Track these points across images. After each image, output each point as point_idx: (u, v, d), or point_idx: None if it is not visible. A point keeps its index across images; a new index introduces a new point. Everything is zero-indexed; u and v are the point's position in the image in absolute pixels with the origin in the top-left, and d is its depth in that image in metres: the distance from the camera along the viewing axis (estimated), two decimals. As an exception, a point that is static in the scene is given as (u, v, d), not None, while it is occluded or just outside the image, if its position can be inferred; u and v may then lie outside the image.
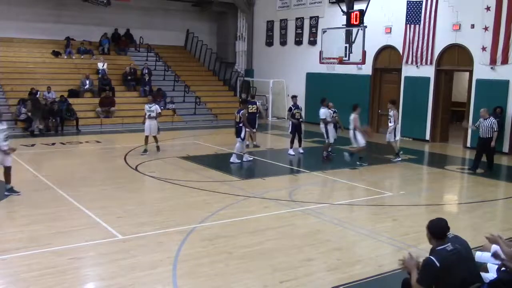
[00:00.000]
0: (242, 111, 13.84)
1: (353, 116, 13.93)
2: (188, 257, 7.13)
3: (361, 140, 13.92)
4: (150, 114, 14.87)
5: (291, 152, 15.33)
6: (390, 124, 14.83)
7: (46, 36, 24.48)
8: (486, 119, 13.24)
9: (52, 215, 8.91)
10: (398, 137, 15.13)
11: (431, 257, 4.66)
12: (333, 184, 12.29)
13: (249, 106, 15.55)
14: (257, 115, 16.59)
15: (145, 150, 14.74)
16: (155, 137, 15.00)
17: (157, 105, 15.40)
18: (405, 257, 4.95)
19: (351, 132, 14.04)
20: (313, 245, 7.75)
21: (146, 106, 15.09)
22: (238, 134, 13.83)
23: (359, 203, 10.49)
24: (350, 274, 6.68)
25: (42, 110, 19.13)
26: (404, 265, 4.92)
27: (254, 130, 16.22)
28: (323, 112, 14.88)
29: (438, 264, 4.54)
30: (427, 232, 4.88)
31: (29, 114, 19.18)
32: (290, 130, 15.47)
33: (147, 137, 14.84)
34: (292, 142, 15.31)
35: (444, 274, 4.53)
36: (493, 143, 13.33)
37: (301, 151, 15.61)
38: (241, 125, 13.71)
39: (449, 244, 4.72)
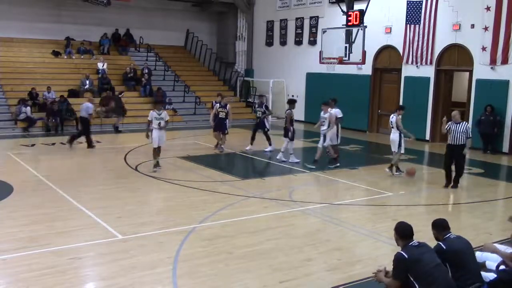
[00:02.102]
0: (287, 111, 14.22)
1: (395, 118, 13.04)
2: (188, 257, 7.13)
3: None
4: (159, 123, 12.67)
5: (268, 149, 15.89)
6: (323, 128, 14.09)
7: (46, 36, 24.49)
8: (459, 123, 11.41)
9: (52, 215, 8.91)
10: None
11: (399, 251, 5.30)
12: (333, 184, 12.28)
13: (219, 109, 15.58)
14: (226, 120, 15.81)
15: (158, 164, 12.76)
16: (159, 148, 12.98)
17: (166, 112, 13.18)
18: (378, 270, 5.61)
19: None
20: (313, 245, 7.75)
21: (154, 114, 12.69)
22: (285, 134, 14.23)
23: (359, 203, 10.49)
24: (350, 274, 6.68)
25: (122, 108, 19.93)
26: (376, 277, 5.56)
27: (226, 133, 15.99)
28: (339, 111, 14.56)
29: (406, 256, 5.15)
30: (394, 234, 5.49)
31: (109, 112, 20.29)
32: (266, 128, 16.11)
33: (156, 149, 12.78)
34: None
35: (413, 263, 5.11)
36: (466, 151, 11.50)
37: (266, 149, 15.93)
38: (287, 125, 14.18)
39: (414, 241, 5.34)
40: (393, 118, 12.94)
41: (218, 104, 15.73)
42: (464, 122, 11.59)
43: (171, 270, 6.65)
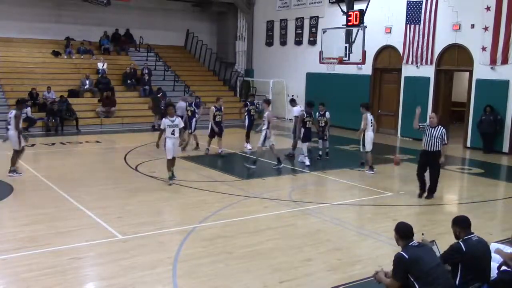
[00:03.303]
0: (301, 112, 14.35)
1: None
2: (188, 257, 7.13)
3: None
4: (173, 131, 11.34)
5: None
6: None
7: (46, 36, 24.48)
8: (434, 127, 10.44)
9: (52, 215, 8.91)
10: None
11: (399, 252, 5.27)
12: (333, 184, 12.28)
13: (215, 112, 15.15)
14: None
15: (173, 175, 11.54)
16: (174, 158, 11.70)
17: (179, 118, 11.86)
18: (376, 271, 5.61)
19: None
20: (313, 245, 7.75)
21: (167, 121, 11.28)
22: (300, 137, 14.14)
23: (359, 203, 10.49)
24: (350, 274, 6.68)
25: (161, 108, 20.06)
26: (376, 278, 5.54)
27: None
28: (298, 110, 15.43)
29: (406, 256, 5.13)
30: (395, 234, 5.48)
31: (151, 111, 20.56)
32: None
33: (170, 160, 11.47)
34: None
35: (413, 264, 5.08)
36: (442, 159, 10.59)
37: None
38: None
39: (415, 241, 5.32)
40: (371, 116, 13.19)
41: (213, 107, 15.38)
42: (440, 126, 10.47)
43: (171, 270, 6.65)
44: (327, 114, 14.97)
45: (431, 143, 10.43)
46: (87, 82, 22.20)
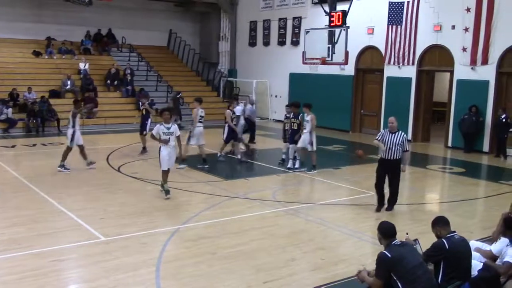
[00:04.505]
0: (301, 115, 13.45)
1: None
2: (171, 258, 7.11)
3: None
4: (169, 139, 10.09)
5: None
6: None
7: (27, 36, 24.17)
8: (394, 133, 9.28)
9: (33, 217, 8.81)
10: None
11: (382, 251, 5.28)
12: (316, 184, 12.33)
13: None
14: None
15: (168, 191, 10.27)
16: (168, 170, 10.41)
17: (176, 125, 10.55)
18: (359, 270, 5.65)
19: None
20: (297, 245, 7.78)
21: (161, 128, 10.08)
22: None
23: (343, 203, 10.55)
24: (334, 273, 6.72)
25: (180, 110, 20.16)
26: (359, 277, 5.57)
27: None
28: (239, 109, 15.69)
29: (389, 255, 5.15)
30: (377, 233, 5.50)
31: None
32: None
33: (166, 172, 10.27)
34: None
35: (396, 263, 5.11)
36: (404, 168, 9.60)
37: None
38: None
39: (397, 240, 5.35)
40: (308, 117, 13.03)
41: (229, 111, 14.58)
42: (401, 132, 9.36)
43: (155, 271, 6.63)
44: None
45: (391, 151, 9.27)
46: (69, 82, 21.97)
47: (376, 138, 9.53)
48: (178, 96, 21.54)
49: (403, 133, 9.35)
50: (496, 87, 16.54)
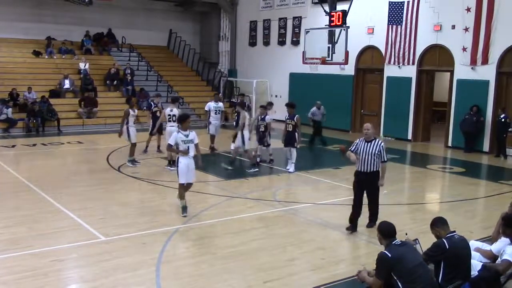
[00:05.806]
0: (297, 116, 13.13)
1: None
2: (171, 258, 7.11)
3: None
4: (188, 147, 8.99)
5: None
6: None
7: (27, 35, 24.17)
8: (371, 141, 8.25)
9: (33, 217, 8.80)
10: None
11: (382, 251, 5.29)
12: (316, 183, 12.32)
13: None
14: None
15: (185, 209, 9.10)
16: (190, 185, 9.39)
17: (194, 132, 9.24)
18: (359, 270, 5.67)
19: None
20: (297, 244, 7.77)
21: (180, 135, 8.94)
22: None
23: (343, 203, 10.53)
24: (334, 273, 6.72)
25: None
26: (359, 277, 5.59)
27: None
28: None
29: (389, 255, 5.17)
30: (377, 233, 5.51)
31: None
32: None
33: (183, 187, 9.18)
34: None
35: (396, 262, 5.13)
36: (381, 182, 8.43)
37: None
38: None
39: (397, 240, 5.36)
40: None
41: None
42: (378, 139, 8.40)
43: (155, 271, 6.62)
44: (267, 118, 13.62)
45: (367, 162, 8.20)
46: (66, 82, 21.91)
47: (350, 148, 8.43)
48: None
49: (380, 141, 8.33)
50: (496, 87, 16.54)
